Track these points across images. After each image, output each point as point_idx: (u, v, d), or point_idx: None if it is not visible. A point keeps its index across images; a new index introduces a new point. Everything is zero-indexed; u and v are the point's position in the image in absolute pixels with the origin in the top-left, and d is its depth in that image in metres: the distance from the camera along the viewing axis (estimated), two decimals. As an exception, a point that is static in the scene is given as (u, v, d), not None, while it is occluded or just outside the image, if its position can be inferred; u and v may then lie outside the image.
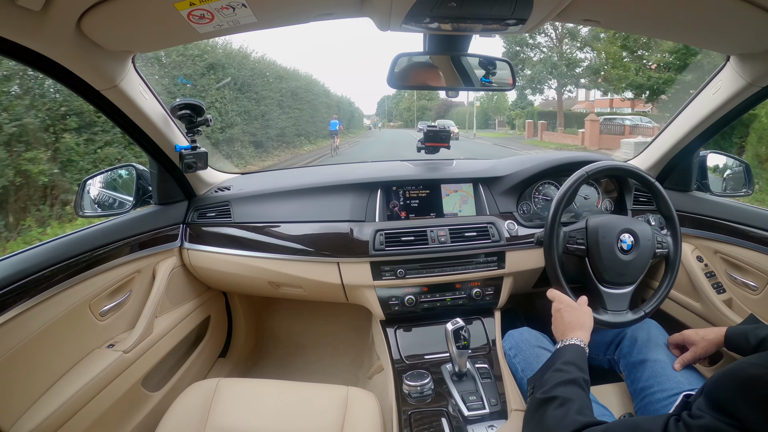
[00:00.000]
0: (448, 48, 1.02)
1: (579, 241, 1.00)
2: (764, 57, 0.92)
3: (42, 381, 0.87)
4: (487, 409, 0.96)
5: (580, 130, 16.55)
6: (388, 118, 59.63)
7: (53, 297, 0.89)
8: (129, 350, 1.04)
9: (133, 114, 1.02)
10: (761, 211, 1.15)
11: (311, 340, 1.84)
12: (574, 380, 0.72)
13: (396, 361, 1.15)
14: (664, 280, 1.05)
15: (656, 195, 1.08)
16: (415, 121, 40.14)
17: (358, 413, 0.93)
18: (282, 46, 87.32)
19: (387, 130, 41.11)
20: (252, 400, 0.96)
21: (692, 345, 0.93)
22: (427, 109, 48.07)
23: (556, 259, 0.98)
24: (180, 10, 0.71)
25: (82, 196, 1.18)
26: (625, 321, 1.00)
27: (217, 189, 1.42)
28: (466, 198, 1.32)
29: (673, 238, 1.07)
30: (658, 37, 1.39)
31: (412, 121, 47.05)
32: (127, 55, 0.92)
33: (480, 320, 1.25)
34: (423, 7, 0.74)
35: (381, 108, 68.83)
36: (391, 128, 48.57)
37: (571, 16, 0.81)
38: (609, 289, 1.01)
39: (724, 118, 1.12)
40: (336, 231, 1.23)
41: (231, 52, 9.32)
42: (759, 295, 1.11)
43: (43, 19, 0.67)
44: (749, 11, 0.73)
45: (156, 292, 1.19)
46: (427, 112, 47.30)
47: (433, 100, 46.57)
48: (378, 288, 1.20)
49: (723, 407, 0.50)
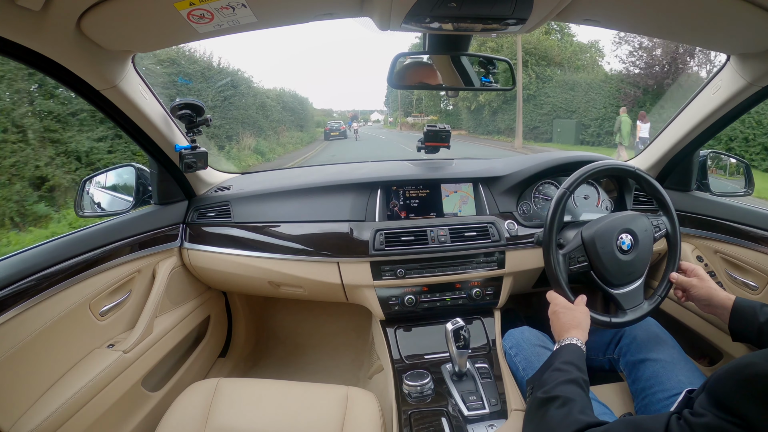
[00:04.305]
0: (448, 48, 1.02)
1: (580, 259, 0.99)
2: (764, 57, 0.91)
3: (42, 381, 0.87)
4: (487, 409, 0.96)
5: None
6: (404, 111, 37.53)
7: (53, 297, 0.89)
8: (129, 350, 1.04)
9: (133, 114, 1.02)
10: (761, 211, 1.15)
11: (311, 340, 1.84)
12: (575, 380, 0.72)
13: (396, 360, 1.15)
14: (670, 261, 1.03)
15: (639, 179, 1.06)
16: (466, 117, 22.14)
17: (358, 413, 0.93)
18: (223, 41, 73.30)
19: (380, 135, 26.75)
20: (252, 400, 0.96)
21: (695, 279, 0.95)
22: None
23: (555, 260, 0.98)
24: (180, 10, 0.71)
25: (81, 196, 1.18)
26: (644, 313, 0.98)
27: (217, 189, 1.42)
28: (467, 199, 1.32)
29: (667, 216, 1.05)
30: (658, 37, 1.39)
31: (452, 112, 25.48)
32: (126, 55, 0.91)
33: (480, 320, 1.25)
34: (423, 7, 0.74)
35: (392, 96, 44.91)
36: (407, 129, 31.52)
37: (571, 16, 0.81)
38: (621, 289, 0.99)
39: (724, 118, 1.12)
40: (336, 231, 1.23)
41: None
42: (759, 295, 1.11)
43: (43, 19, 0.67)
44: (749, 11, 0.73)
45: (156, 292, 1.19)
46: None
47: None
48: (378, 288, 1.20)
49: (726, 405, 0.50)
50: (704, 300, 0.93)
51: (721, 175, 1.37)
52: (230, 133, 11.31)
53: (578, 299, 0.94)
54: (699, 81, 0.94)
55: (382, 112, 56.79)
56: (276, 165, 11.61)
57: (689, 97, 1.20)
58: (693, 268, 0.98)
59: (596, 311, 0.95)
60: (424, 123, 28.01)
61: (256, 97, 13.34)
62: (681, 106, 1.24)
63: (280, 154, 13.88)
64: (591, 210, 1.35)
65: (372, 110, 71.16)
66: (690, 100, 1.20)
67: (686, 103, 1.21)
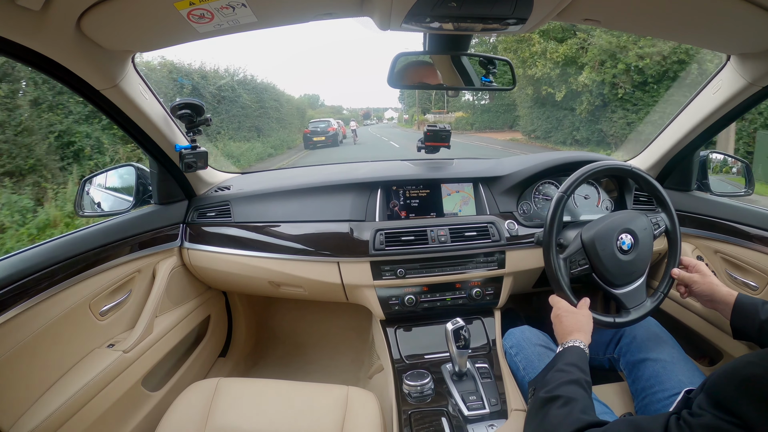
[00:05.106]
0: (448, 47, 1.01)
1: (581, 262, 0.98)
2: (764, 57, 0.91)
3: (42, 381, 0.87)
4: (487, 409, 0.96)
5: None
6: (423, 108, 30.79)
7: (53, 297, 0.89)
8: (129, 350, 1.04)
9: (133, 113, 1.02)
10: (761, 211, 1.15)
11: (311, 340, 1.84)
12: (577, 380, 0.73)
13: (396, 360, 1.15)
14: (671, 257, 1.03)
15: (637, 178, 1.06)
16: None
17: (358, 413, 0.93)
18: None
19: (392, 140, 18.30)
20: (252, 400, 0.96)
21: (696, 274, 0.95)
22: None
23: (556, 263, 0.98)
24: (180, 10, 0.71)
25: (82, 196, 1.18)
26: (647, 311, 0.99)
27: (217, 189, 1.42)
28: (467, 199, 1.32)
29: (666, 213, 1.05)
30: (658, 36, 1.39)
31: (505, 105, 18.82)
32: (127, 54, 0.91)
33: (480, 320, 1.25)
34: (423, 7, 0.74)
35: (407, 91, 28.91)
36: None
37: (571, 15, 0.81)
38: (623, 289, 0.99)
39: (725, 118, 1.12)
40: (336, 231, 1.23)
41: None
42: (759, 295, 1.11)
43: (43, 18, 0.67)
44: (749, 11, 0.73)
45: (156, 292, 1.19)
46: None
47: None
48: (378, 288, 1.20)
49: (724, 405, 0.50)
50: (706, 296, 0.93)
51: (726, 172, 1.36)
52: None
53: (581, 302, 0.94)
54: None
55: (396, 109, 51.25)
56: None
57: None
58: (694, 263, 0.98)
59: (599, 312, 0.95)
60: (448, 122, 20.99)
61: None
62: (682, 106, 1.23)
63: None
64: (591, 210, 1.35)
65: (386, 108, 67.73)
66: (690, 100, 1.20)
67: (686, 103, 1.21)
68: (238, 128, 11.48)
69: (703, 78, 1.33)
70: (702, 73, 9.09)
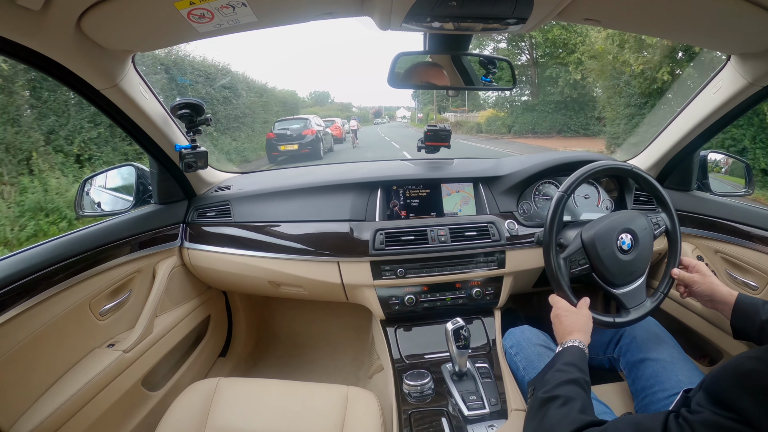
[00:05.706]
0: (448, 47, 1.01)
1: (581, 261, 0.98)
2: (764, 57, 0.91)
3: (42, 381, 0.87)
4: (487, 409, 0.96)
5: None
6: (440, 106, 26.65)
7: (53, 297, 0.89)
8: (129, 350, 1.04)
9: (133, 113, 1.02)
10: (761, 211, 1.15)
11: (311, 340, 1.84)
12: (576, 380, 0.73)
13: (396, 360, 1.15)
14: (671, 257, 1.03)
15: (637, 178, 1.06)
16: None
17: (358, 413, 0.93)
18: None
19: (405, 150, 11.69)
20: (252, 400, 0.96)
21: (696, 274, 0.95)
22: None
23: (556, 263, 0.98)
24: (180, 9, 0.71)
25: (81, 196, 1.18)
26: (648, 311, 0.99)
27: (217, 188, 1.42)
28: (467, 199, 1.32)
29: (666, 213, 1.05)
30: (659, 36, 1.39)
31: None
32: (127, 54, 0.91)
33: (480, 320, 1.25)
34: (423, 6, 0.74)
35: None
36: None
37: (572, 15, 0.81)
38: (623, 289, 0.99)
39: (725, 118, 1.12)
40: (336, 230, 1.23)
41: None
42: (759, 295, 1.11)
43: (43, 18, 0.67)
44: (749, 11, 0.73)
45: (156, 292, 1.19)
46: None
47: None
48: (378, 287, 1.20)
49: (722, 401, 0.50)
50: (706, 295, 0.93)
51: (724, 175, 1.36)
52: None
53: (581, 303, 0.94)
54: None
55: (409, 108, 45.84)
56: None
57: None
58: (694, 263, 0.98)
59: (598, 312, 0.95)
60: (472, 123, 18.00)
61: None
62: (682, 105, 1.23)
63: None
64: (591, 210, 1.35)
65: (398, 107, 63.49)
66: (690, 100, 1.19)
67: (686, 102, 1.21)
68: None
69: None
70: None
